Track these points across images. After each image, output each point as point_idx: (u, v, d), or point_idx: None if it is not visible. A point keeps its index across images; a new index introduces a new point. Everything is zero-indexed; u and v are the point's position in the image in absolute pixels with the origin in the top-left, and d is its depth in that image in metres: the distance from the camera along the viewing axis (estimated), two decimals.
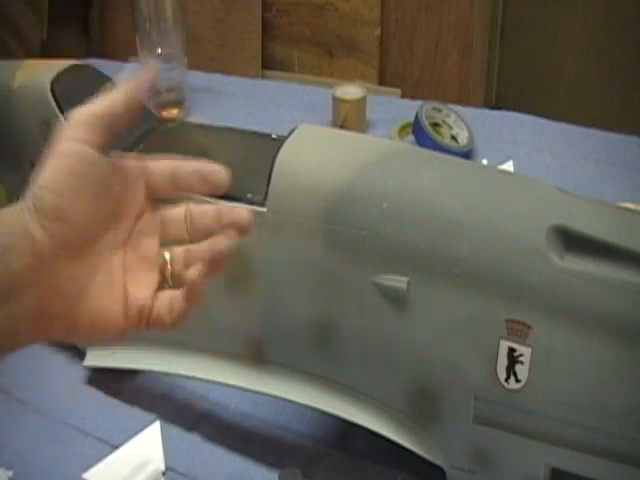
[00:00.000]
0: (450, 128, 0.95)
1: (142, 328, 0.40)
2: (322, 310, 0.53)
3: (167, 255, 0.41)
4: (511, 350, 0.47)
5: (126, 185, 0.41)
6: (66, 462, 0.58)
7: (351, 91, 0.99)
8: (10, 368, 0.67)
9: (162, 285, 0.41)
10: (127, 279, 0.40)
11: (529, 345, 0.46)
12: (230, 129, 0.66)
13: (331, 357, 0.54)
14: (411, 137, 0.93)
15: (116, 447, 0.59)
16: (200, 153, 0.63)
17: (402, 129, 0.96)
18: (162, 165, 0.42)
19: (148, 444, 0.59)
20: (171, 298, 0.41)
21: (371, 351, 0.52)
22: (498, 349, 0.47)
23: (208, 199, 0.54)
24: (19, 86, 0.62)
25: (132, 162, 0.42)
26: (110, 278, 0.40)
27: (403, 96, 1.87)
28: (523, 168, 0.88)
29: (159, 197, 0.42)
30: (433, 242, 0.48)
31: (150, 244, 0.42)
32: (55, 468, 0.58)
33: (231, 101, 1.09)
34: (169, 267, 0.41)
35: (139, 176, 0.41)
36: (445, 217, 0.48)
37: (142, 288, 0.40)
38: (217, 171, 0.42)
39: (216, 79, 1.17)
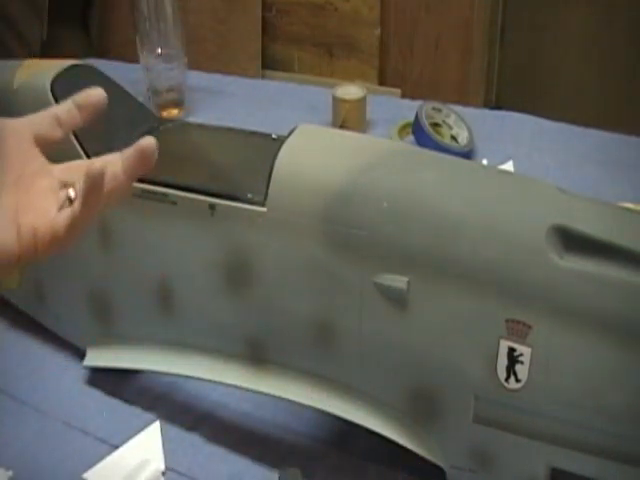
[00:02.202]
0: (450, 128, 0.95)
1: (40, 252, 0.41)
2: (322, 310, 0.53)
3: (71, 192, 0.42)
4: (511, 350, 0.47)
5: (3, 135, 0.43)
6: (66, 462, 0.58)
7: (351, 91, 0.99)
8: (10, 368, 0.67)
9: (62, 206, 0.42)
10: (20, 209, 0.41)
11: (529, 345, 0.46)
12: (230, 129, 0.66)
13: (331, 357, 0.54)
14: (411, 137, 0.93)
15: (116, 447, 0.59)
16: (200, 153, 0.64)
17: (402, 129, 0.96)
18: (43, 113, 0.46)
19: (148, 444, 0.59)
20: (71, 216, 0.41)
21: (371, 351, 0.52)
22: (498, 349, 0.47)
23: (205, 197, 0.54)
24: (19, 86, 0.62)
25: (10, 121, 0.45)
26: None
27: (403, 96, 1.87)
28: (523, 168, 0.88)
29: (50, 143, 0.45)
30: (433, 242, 0.48)
31: (46, 181, 0.43)
32: (55, 468, 0.58)
33: (231, 101, 1.09)
34: (70, 192, 0.42)
35: (22, 129, 0.44)
36: (445, 217, 0.48)
37: (37, 216, 0.41)
38: (88, 91, 0.45)
39: (216, 79, 1.17)
